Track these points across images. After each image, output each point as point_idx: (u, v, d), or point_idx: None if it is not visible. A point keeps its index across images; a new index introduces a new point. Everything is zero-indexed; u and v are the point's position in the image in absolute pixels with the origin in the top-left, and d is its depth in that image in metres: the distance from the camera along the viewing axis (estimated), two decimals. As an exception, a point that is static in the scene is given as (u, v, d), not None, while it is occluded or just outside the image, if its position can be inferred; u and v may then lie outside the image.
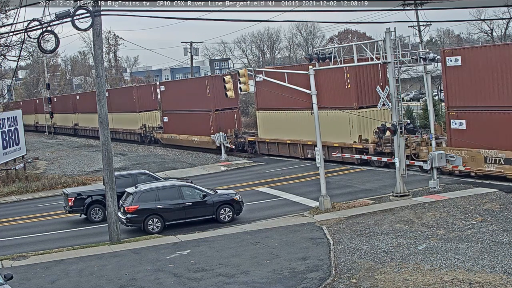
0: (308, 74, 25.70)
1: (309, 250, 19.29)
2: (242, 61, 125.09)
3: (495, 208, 22.45)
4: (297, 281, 16.47)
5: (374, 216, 23.06)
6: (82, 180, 38.64)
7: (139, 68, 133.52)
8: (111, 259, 20.23)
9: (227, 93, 28.74)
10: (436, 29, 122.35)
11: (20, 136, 44.09)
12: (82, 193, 27.58)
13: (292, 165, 38.59)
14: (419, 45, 58.32)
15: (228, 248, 20.33)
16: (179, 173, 39.68)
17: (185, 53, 74.71)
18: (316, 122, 25.77)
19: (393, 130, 25.53)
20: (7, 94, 64.19)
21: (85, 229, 26.17)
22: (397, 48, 25.72)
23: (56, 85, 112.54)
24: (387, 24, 30.86)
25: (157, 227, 24.12)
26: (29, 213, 30.91)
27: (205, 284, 16.82)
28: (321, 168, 25.51)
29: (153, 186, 25.23)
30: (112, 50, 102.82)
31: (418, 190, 26.92)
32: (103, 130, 22.72)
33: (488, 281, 15.01)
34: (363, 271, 16.78)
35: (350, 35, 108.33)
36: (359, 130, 34.63)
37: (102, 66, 22.81)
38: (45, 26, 21.02)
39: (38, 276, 18.85)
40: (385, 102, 28.64)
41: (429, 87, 28.12)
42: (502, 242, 18.20)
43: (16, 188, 37.69)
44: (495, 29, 78.14)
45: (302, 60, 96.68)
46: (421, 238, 19.50)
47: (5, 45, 34.28)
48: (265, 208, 27.24)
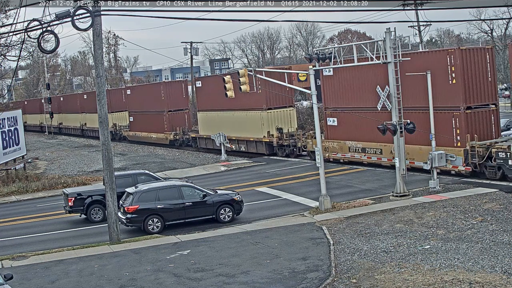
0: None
1: (309, 250, 19.29)
2: (242, 61, 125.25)
3: (495, 208, 22.46)
4: (297, 281, 16.47)
5: (374, 216, 23.06)
6: (82, 180, 38.64)
7: (139, 68, 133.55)
8: (111, 259, 20.23)
9: (227, 93, 28.76)
10: (436, 29, 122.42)
11: (20, 136, 44.11)
12: (82, 193, 27.58)
13: (292, 165, 38.60)
14: (419, 45, 58.36)
15: (228, 248, 20.33)
16: (179, 173, 39.69)
17: (185, 53, 74.82)
18: (316, 122, 25.80)
19: (393, 130, 25.53)
20: (7, 94, 64.11)
21: (85, 229, 26.17)
22: (397, 48, 25.72)
23: (56, 85, 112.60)
24: (387, 24, 30.93)
25: (157, 227, 24.12)
26: (29, 213, 30.91)
27: (205, 284, 16.83)
28: (321, 168, 25.51)
29: (153, 186, 25.23)
30: (112, 50, 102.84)
31: (418, 190, 26.92)
32: (103, 130, 22.73)
33: (488, 281, 15.00)
34: (363, 271, 16.78)
35: (350, 35, 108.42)
36: (267, 127, 42.79)
37: (102, 66, 22.82)
38: (45, 26, 21.02)
39: (38, 276, 18.85)
40: (385, 102, 28.65)
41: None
42: (502, 242, 18.21)
43: (16, 188, 37.69)
44: (495, 29, 78.21)
45: (302, 60, 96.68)
46: (421, 238, 19.49)
47: (5, 45, 34.28)
48: (265, 208, 27.25)
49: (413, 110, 29.65)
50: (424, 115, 28.66)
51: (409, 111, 28.83)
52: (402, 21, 40.14)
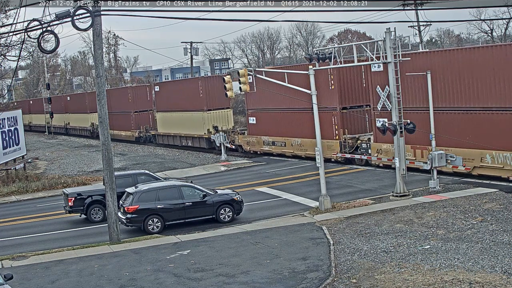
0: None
1: (309, 250, 19.30)
2: (242, 61, 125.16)
3: (495, 208, 22.45)
4: (297, 281, 16.47)
5: (374, 216, 23.06)
6: (82, 180, 38.64)
7: (139, 68, 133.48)
8: (111, 259, 20.23)
9: (227, 93, 28.76)
10: (436, 29, 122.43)
11: (20, 136, 44.10)
12: (82, 193, 27.58)
13: (292, 165, 38.62)
14: (419, 45, 58.36)
15: (228, 248, 20.33)
16: (179, 173, 39.69)
17: (185, 53, 74.86)
18: (316, 122, 25.79)
19: (393, 130, 25.55)
20: (7, 94, 64.12)
21: (85, 229, 26.17)
22: (397, 48, 25.73)
23: (56, 85, 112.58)
24: (387, 24, 30.89)
25: (157, 227, 24.12)
26: (29, 213, 30.91)
27: (205, 284, 16.83)
28: (321, 168, 25.51)
29: (153, 186, 25.24)
30: (112, 50, 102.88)
31: (418, 190, 26.92)
32: (103, 130, 22.73)
33: (488, 281, 15.00)
34: (363, 271, 16.78)
35: (350, 35, 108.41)
36: (208, 125, 49.67)
37: (102, 66, 22.83)
38: (45, 26, 21.02)
39: (38, 276, 18.85)
40: (385, 102, 28.67)
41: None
42: (502, 242, 18.20)
43: (16, 188, 37.69)
44: (495, 29, 78.22)
45: (302, 60, 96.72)
46: (421, 238, 19.49)
47: (5, 45, 34.26)
48: (265, 208, 27.25)
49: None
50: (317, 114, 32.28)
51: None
52: (402, 21, 40.15)
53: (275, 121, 41.89)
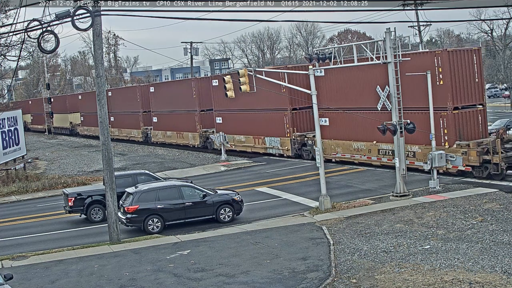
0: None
1: (309, 250, 19.30)
2: (242, 61, 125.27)
3: (495, 208, 22.46)
4: (297, 281, 16.47)
5: (374, 216, 23.06)
6: (82, 180, 38.61)
7: (139, 68, 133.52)
8: (111, 259, 20.24)
9: (227, 93, 28.75)
10: (436, 29, 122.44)
11: (20, 136, 44.08)
12: (82, 193, 27.57)
13: (292, 165, 38.62)
14: (419, 45, 58.32)
15: (228, 248, 20.33)
16: (179, 173, 39.68)
17: (185, 53, 74.79)
18: (316, 122, 25.80)
19: (393, 130, 25.54)
20: (7, 94, 64.13)
21: (85, 229, 26.17)
22: (397, 48, 25.72)
23: (56, 85, 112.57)
24: (387, 24, 30.95)
25: (157, 227, 24.12)
26: (29, 213, 30.90)
27: (205, 284, 16.83)
28: (321, 168, 25.52)
29: (153, 186, 25.23)
30: (112, 50, 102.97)
31: (418, 190, 26.92)
32: (103, 130, 22.72)
33: (488, 281, 15.01)
34: (363, 271, 16.79)
35: (350, 35, 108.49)
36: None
37: (102, 66, 22.81)
38: (45, 26, 21.01)
39: (38, 276, 18.85)
40: (385, 102, 28.66)
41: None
42: (502, 242, 18.21)
43: (16, 188, 37.67)
44: (495, 29, 78.21)
45: (302, 60, 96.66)
46: (421, 238, 19.50)
47: (5, 45, 34.25)
48: (265, 208, 27.25)
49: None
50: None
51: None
52: (402, 21, 40.23)
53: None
